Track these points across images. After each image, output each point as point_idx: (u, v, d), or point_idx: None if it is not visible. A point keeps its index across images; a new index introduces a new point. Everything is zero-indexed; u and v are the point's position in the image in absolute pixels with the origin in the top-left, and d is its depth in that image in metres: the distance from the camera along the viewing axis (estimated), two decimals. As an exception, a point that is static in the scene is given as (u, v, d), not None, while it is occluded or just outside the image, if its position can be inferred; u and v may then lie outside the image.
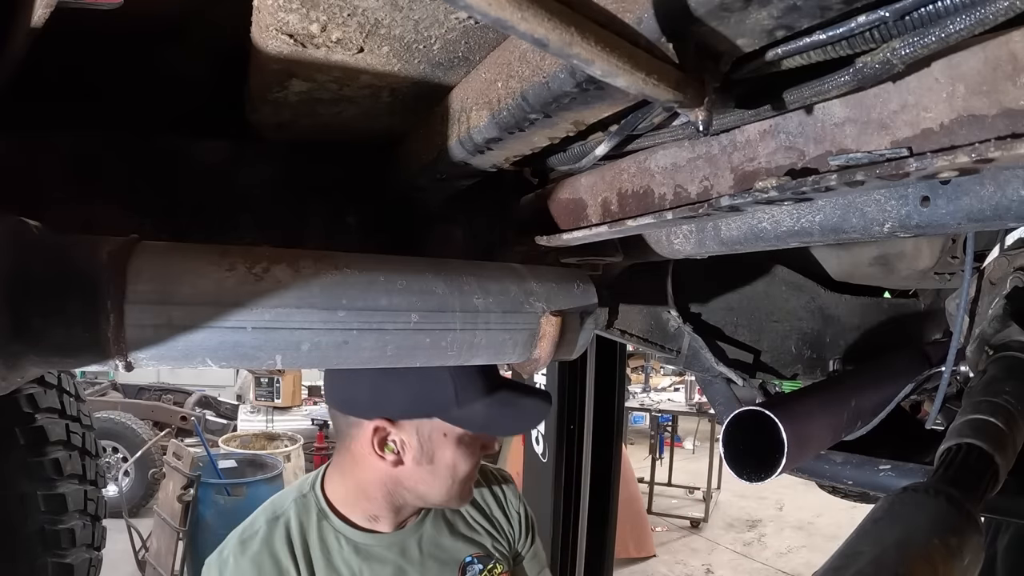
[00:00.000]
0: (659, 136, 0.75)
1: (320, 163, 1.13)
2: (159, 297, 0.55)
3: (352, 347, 0.62)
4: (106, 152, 1.00)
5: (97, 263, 0.54)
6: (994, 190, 0.59)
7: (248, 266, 0.59)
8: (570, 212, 0.98)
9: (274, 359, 0.60)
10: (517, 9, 0.39)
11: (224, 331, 0.57)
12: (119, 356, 0.55)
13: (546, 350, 0.72)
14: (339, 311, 0.61)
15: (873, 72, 0.48)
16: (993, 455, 0.66)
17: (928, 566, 0.53)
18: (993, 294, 0.97)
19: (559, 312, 0.71)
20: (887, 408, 1.14)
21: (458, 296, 0.67)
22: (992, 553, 1.79)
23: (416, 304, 0.64)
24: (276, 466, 4.88)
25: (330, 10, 0.63)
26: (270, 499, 1.19)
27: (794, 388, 1.67)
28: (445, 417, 1.06)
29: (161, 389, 8.11)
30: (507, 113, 0.68)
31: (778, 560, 5.82)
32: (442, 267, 0.69)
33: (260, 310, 0.58)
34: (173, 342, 0.56)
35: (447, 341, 0.66)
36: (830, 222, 0.74)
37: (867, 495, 2.27)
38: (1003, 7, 0.38)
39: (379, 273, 0.64)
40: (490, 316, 0.68)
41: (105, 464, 4.74)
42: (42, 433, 2.30)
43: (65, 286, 0.54)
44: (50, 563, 2.28)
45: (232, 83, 0.88)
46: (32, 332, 0.53)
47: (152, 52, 0.86)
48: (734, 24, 0.45)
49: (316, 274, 0.61)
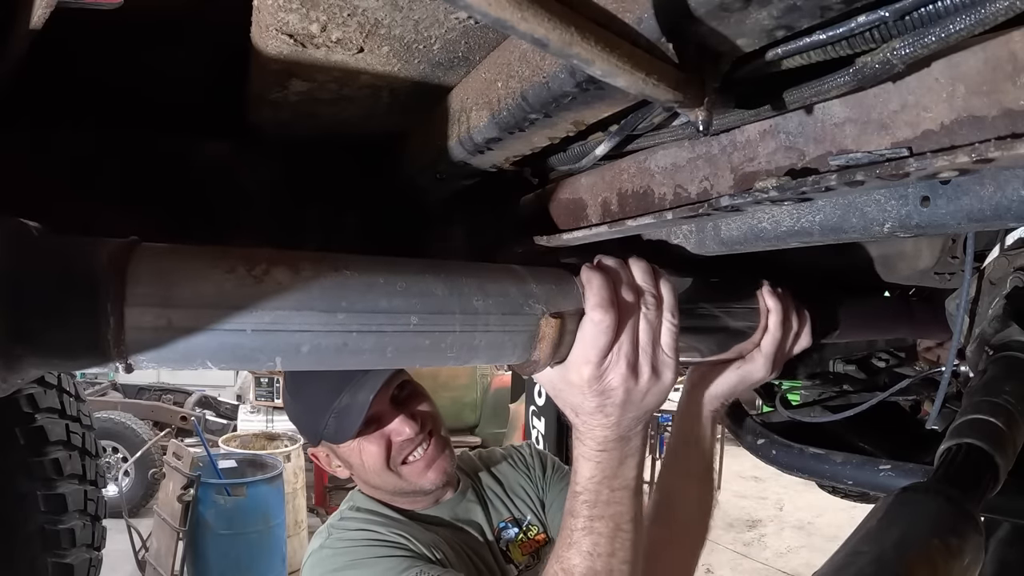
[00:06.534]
0: (659, 136, 0.75)
1: (320, 163, 1.13)
2: (159, 299, 0.55)
3: (352, 349, 0.62)
4: (106, 152, 1.00)
5: (97, 265, 0.54)
6: (994, 190, 0.59)
7: (248, 268, 0.58)
8: (570, 212, 0.98)
9: (274, 361, 0.60)
10: (517, 9, 0.39)
11: (224, 333, 0.57)
12: (119, 358, 0.55)
13: (545, 352, 0.72)
14: (339, 313, 0.61)
15: (873, 72, 0.48)
16: (993, 455, 0.66)
17: (928, 566, 0.53)
18: (993, 294, 0.97)
19: (558, 314, 0.71)
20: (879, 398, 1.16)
21: (457, 298, 0.66)
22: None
23: (416, 306, 0.64)
24: (276, 466, 4.87)
25: (330, 10, 0.63)
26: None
27: (794, 386, 1.67)
28: (322, 438, 1.18)
29: (161, 389, 8.11)
30: (507, 113, 0.68)
31: (778, 560, 5.82)
32: (442, 269, 0.68)
33: (260, 312, 0.58)
34: (173, 344, 0.56)
35: (447, 343, 0.66)
36: (830, 222, 0.74)
37: (867, 495, 2.27)
38: (1003, 7, 0.38)
39: (379, 275, 0.64)
40: (489, 318, 0.68)
41: (105, 464, 4.75)
42: (42, 433, 2.31)
43: (65, 288, 0.54)
44: (50, 563, 2.28)
45: (232, 83, 0.88)
46: (32, 334, 0.52)
47: (152, 52, 0.86)
48: (734, 24, 0.45)
49: (316, 276, 0.61)
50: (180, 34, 0.82)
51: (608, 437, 0.77)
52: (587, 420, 0.77)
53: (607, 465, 0.78)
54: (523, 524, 1.33)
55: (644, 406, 0.77)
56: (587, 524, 0.79)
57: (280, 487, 4.77)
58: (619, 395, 0.74)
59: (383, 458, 1.16)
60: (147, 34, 0.81)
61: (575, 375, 0.74)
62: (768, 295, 1.00)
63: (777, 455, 1.30)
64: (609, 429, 0.77)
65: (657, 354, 0.77)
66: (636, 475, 0.81)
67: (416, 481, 1.19)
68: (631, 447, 0.80)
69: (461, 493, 1.31)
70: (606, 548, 0.78)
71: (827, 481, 1.26)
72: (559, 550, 0.82)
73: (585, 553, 0.79)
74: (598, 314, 0.72)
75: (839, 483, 1.20)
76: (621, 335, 0.73)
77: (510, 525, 1.32)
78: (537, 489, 1.41)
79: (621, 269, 0.77)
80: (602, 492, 0.79)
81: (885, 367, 1.55)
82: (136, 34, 0.80)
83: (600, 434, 0.77)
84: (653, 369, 0.76)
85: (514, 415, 6.02)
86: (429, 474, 1.19)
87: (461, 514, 1.29)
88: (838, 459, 1.18)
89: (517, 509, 1.36)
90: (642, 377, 0.75)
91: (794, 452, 1.26)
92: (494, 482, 1.40)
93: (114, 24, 0.71)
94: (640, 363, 0.75)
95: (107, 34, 0.78)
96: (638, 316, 0.75)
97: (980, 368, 0.88)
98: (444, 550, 1.14)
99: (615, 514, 0.79)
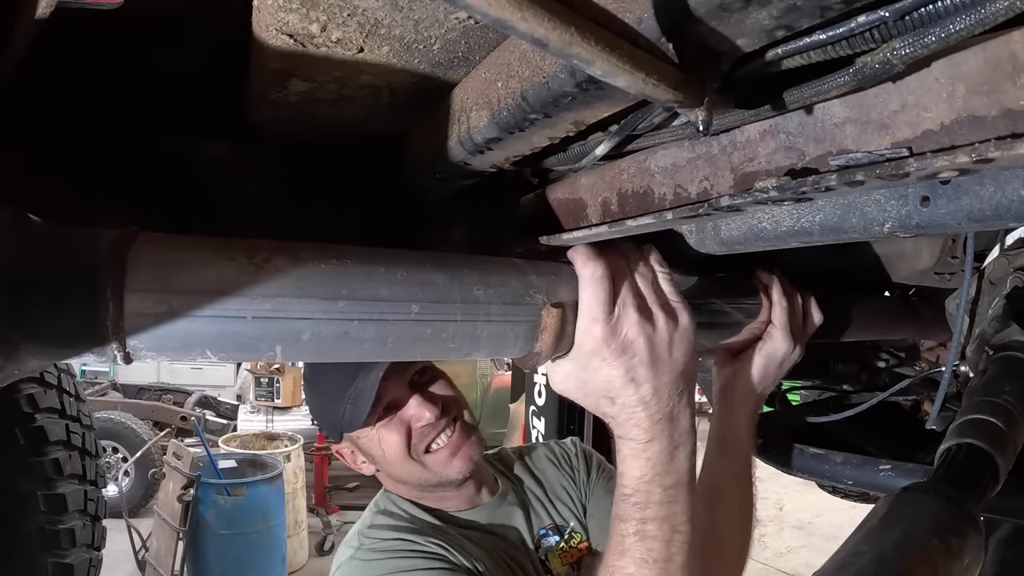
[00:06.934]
0: (659, 136, 0.75)
1: (320, 163, 1.13)
2: (159, 286, 0.55)
3: (352, 338, 0.62)
4: (106, 153, 1.00)
5: (97, 253, 0.54)
6: (994, 190, 0.59)
7: (249, 256, 0.58)
8: (570, 212, 0.98)
9: (274, 349, 0.60)
10: (517, 9, 0.39)
11: (224, 321, 0.57)
12: (118, 346, 0.54)
13: (548, 343, 0.71)
14: (339, 301, 0.60)
15: (873, 72, 0.48)
16: (993, 455, 0.66)
17: (928, 566, 0.53)
18: (993, 294, 0.97)
19: (559, 303, 0.71)
20: (879, 398, 1.16)
21: (458, 287, 0.66)
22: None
23: (416, 295, 0.64)
24: (276, 466, 4.87)
25: (330, 10, 0.63)
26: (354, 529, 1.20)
27: (794, 386, 1.67)
28: (341, 428, 1.13)
29: (161, 389, 8.11)
30: (507, 113, 0.68)
31: (778, 560, 5.82)
32: (442, 259, 0.68)
33: (260, 300, 0.57)
34: (173, 332, 0.55)
35: (448, 333, 0.66)
36: (830, 222, 0.74)
37: (867, 495, 2.27)
38: (1003, 7, 0.38)
39: (379, 264, 0.63)
40: (491, 308, 0.67)
41: (105, 464, 4.75)
42: (42, 433, 2.30)
43: (64, 276, 0.53)
44: (50, 563, 2.28)
45: (232, 83, 0.88)
46: (30, 322, 0.52)
47: (152, 52, 0.86)
48: (734, 24, 0.45)
49: (316, 264, 0.60)
50: (180, 34, 0.82)
51: (652, 417, 0.71)
52: (624, 403, 0.72)
53: (657, 460, 0.72)
54: (565, 532, 1.26)
55: (675, 362, 0.72)
56: (639, 528, 0.72)
57: (280, 487, 4.77)
58: (642, 348, 0.70)
59: (404, 446, 1.10)
60: (147, 34, 0.81)
61: (589, 341, 0.71)
62: (762, 272, 1.02)
63: (777, 455, 1.30)
64: (649, 406, 0.71)
65: (664, 299, 0.74)
66: (689, 468, 0.75)
67: (441, 471, 1.13)
68: (679, 431, 0.73)
69: (501, 496, 1.24)
70: (662, 553, 0.71)
71: (827, 481, 1.26)
72: (609, 559, 0.75)
73: (639, 560, 0.71)
74: (589, 266, 0.71)
75: (839, 483, 1.21)
76: (620, 287, 0.72)
77: (551, 532, 1.25)
78: (580, 493, 1.33)
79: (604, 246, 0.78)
80: (653, 491, 0.72)
81: (885, 367, 1.55)
82: (136, 34, 0.80)
83: (642, 415, 0.71)
84: (665, 311, 0.73)
85: (514, 415, 6.02)
86: (455, 462, 1.13)
87: (500, 519, 1.22)
88: (838, 459, 1.18)
89: (559, 515, 1.28)
90: (658, 321, 0.72)
91: (794, 452, 1.26)
92: (535, 484, 1.32)
93: (114, 24, 0.71)
94: (650, 308, 0.72)
95: (107, 34, 0.78)
96: (630, 271, 0.75)
97: (980, 368, 0.89)
98: (484, 560, 1.08)
99: (670, 515, 0.72)
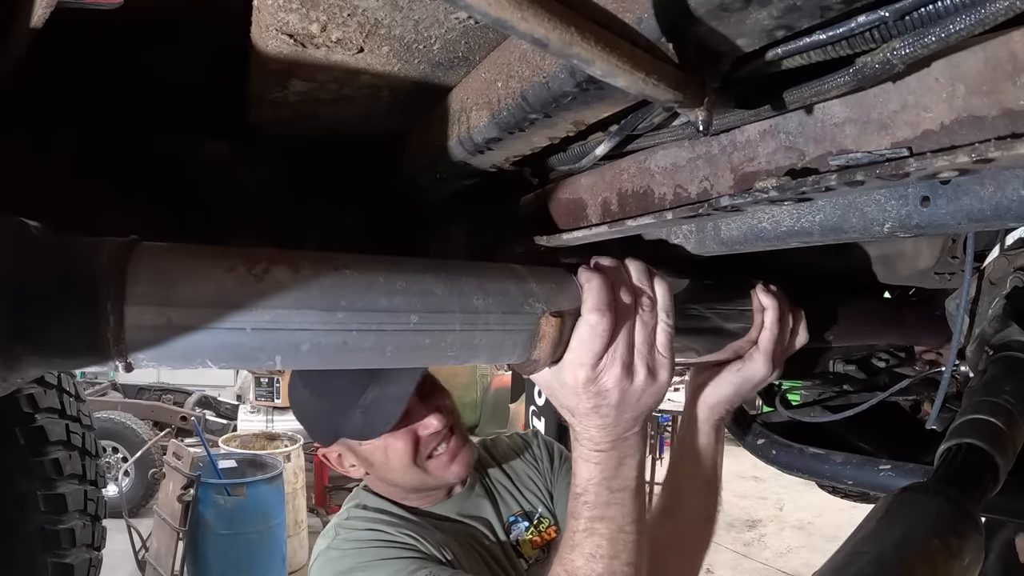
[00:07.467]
0: (659, 136, 0.75)
1: (320, 163, 1.13)
2: (159, 298, 0.55)
3: (351, 348, 0.62)
4: (106, 152, 1.00)
5: (97, 264, 0.54)
6: (994, 190, 0.59)
7: (248, 267, 0.58)
8: (570, 212, 0.98)
9: (274, 360, 0.60)
10: (517, 9, 0.39)
11: (224, 332, 0.57)
12: (119, 357, 0.55)
13: (545, 351, 0.72)
14: (338, 312, 0.61)
15: (873, 72, 0.48)
16: (993, 455, 0.66)
17: (928, 566, 0.53)
18: (993, 294, 0.97)
19: (558, 313, 0.71)
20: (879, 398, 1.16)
21: (457, 297, 0.66)
22: (987, 549, 1.79)
23: (416, 305, 0.64)
24: (276, 466, 4.87)
25: (330, 10, 0.63)
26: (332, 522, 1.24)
27: (794, 386, 1.67)
28: (344, 435, 1.15)
29: (161, 389, 8.11)
30: (507, 113, 0.68)
31: (778, 560, 5.82)
32: (441, 268, 0.68)
33: (260, 311, 0.58)
34: (173, 343, 0.56)
35: (447, 342, 0.66)
36: (830, 222, 0.74)
37: (867, 495, 2.27)
38: (1003, 7, 0.38)
39: (378, 274, 0.64)
40: (490, 317, 0.68)
41: (105, 464, 4.75)
42: (42, 433, 2.31)
43: (65, 287, 0.54)
44: (50, 563, 2.28)
45: (232, 83, 0.88)
46: (32, 333, 0.52)
47: (152, 52, 0.86)
48: (734, 24, 0.45)
49: (315, 275, 0.61)
50: (180, 34, 0.82)
51: (605, 438, 0.77)
52: (583, 421, 0.77)
53: (606, 466, 0.78)
54: (534, 518, 1.32)
55: (640, 406, 0.77)
56: (588, 526, 0.78)
57: (280, 487, 4.77)
58: (614, 396, 0.74)
59: (410, 454, 1.14)
60: (147, 34, 0.81)
61: (570, 377, 0.74)
62: (762, 293, 1.01)
63: (777, 455, 1.30)
64: (605, 430, 0.77)
65: (653, 355, 0.76)
66: (636, 475, 0.81)
67: (441, 475, 1.18)
68: (629, 447, 0.79)
69: (469, 488, 1.30)
70: (608, 550, 0.78)
71: (827, 481, 1.26)
72: (562, 552, 0.81)
73: (587, 555, 0.78)
74: (595, 317, 0.72)
75: (839, 483, 1.21)
76: (617, 335, 0.73)
77: (520, 519, 1.31)
78: (546, 480, 1.40)
79: (618, 270, 0.77)
80: (602, 493, 0.78)
81: (885, 367, 1.55)
82: (136, 34, 0.80)
83: (597, 435, 0.77)
84: (648, 370, 0.76)
85: (514, 415, 6.03)
86: (454, 467, 1.18)
87: (470, 510, 1.28)
88: (838, 459, 1.18)
89: (527, 502, 1.35)
90: (637, 378, 0.75)
91: (794, 452, 1.26)
92: (502, 475, 1.38)
93: (114, 24, 0.71)
94: (635, 364, 0.75)
95: (107, 34, 0.78)
96: (634, 318, 0.75)
97: (980, 368, 0.89)
98: (454, 549, 1.13)
99: (616, 515, 0.78)
